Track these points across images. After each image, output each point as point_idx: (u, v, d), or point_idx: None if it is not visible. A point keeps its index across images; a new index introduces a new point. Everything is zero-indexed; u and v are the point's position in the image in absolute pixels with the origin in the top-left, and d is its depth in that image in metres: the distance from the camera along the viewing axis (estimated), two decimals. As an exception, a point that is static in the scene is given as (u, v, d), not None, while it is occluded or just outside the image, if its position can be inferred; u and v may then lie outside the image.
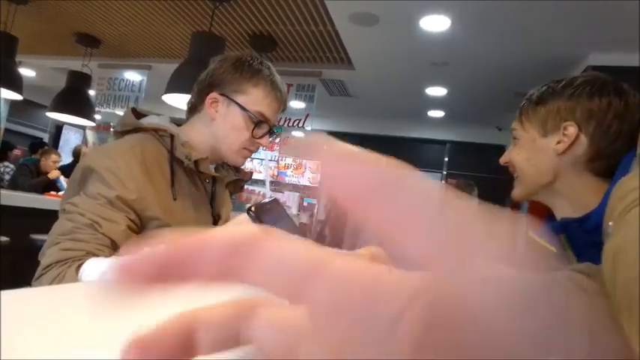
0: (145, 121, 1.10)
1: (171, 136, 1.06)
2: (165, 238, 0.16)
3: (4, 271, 2.88)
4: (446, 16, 3.17)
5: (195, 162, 1.06)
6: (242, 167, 1.26)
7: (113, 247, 0.90)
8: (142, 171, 0.97)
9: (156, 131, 1.07)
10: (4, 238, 2.91)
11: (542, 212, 1.11)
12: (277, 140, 5.05)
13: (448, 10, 3.11)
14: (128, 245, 0.87)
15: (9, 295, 0.45)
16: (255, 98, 1.09)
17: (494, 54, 3.67)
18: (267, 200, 0.38)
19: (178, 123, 1.19)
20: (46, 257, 0.86)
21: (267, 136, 1.15)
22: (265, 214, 0.35)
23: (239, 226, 0.19)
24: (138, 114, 1.15)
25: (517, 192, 1.00)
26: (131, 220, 0.94)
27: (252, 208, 0.36)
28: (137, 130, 1.08)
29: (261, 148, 1.16)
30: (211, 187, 1.16)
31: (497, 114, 5.21)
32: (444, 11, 3.12)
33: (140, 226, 0.97)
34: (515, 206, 5.09)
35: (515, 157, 0.98)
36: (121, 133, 1.10)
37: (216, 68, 1.12)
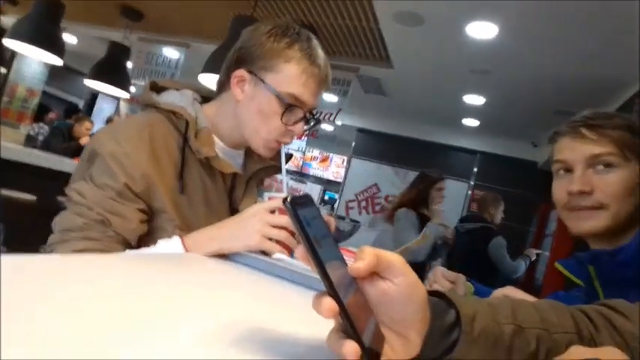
0: (162, 99, 0.98)
1: (187, 122, 0.94)
2: None
3: (27, 229, 2.95)
4: (494, 23, 3.07)
5: (206, 158, 0.95)
6: None
7: (124, 244, 0.86)
8: (149, 158, 0.88)
9: (172, 113, 0.95)
10: (30, 197, 2.97)
11: (568, 241, 1.07)
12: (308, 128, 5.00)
13: (497, 18, 3.01)
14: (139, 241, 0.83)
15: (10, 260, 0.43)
16: (287, 76, 0.93)
17: (539, 67, 3.54)
18: (301, 194, 0.37)
19: (206, 96, 1.08)
20: None
21: (302, 123, 0.98)
22: (300, 207, 0.35)
23: None
24: (159, 87, 1.03)
25: (602, 223, 0.93)
26: (141, 211, 0.87)
27: (288, 199, 0.35)
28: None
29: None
30: (231, 179, 1.04)
31: (534, 130, 5.05)
32: (493, 18, 3.02)
33: (150, 216, 0.90)
34: (542, 229, 4.94)
35: (614, 185, 0.92)
36: (143, 106, 1.01)
37: (245, 40, 0.97)
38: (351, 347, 0.36)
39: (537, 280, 4.53)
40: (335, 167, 8.28)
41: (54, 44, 3.88)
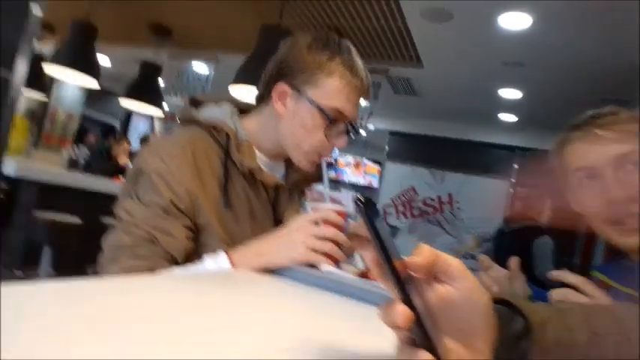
0: (202, 115, 0.99)
1: (227, 135, 0.94)
2: None
3: (73, 251, 3.03)
4: (527, 13, 2.96)
5: (250, 170, 0.94)
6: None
7: (171, 260, 0.85)
8: (193, 175, 0.88)
9: (213, 127, 0.96)
10: (76, 219, 3.07)
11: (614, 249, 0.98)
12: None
13: (530, 8, 2.90)
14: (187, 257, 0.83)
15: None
16: (330, 90, 0.92)
17: (578, 55, 3.40)
18: (364, 197, 0.35)
19: (245, 109, 1.07)
20: (106, 275, 0.82)
21: (345, 135, 0.98)
22: (370, 208, 0.35)
23: None
24: (198, 102, 1.04)
25: None
26: (187, 227, 0.87)
27: (362, 200, 0.35)
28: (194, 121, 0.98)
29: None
30: (274, 191, 1.03)
31: (577, 120, 4.85)
32: (526, 8, 2.91)
33: (196, 232, 0.89)
34: (592, 234, 4.71)
35: None
36: (181, 123, 1.01)
37: (285, 53, 0.97)
38: (427, 356, 0.34)
39: (594, 279, 4.32)
40: (367, 173, 8.22)
41: (90, 68, 4.02)
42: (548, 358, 0.39)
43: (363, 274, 1.14)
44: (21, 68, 1.15)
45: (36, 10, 1.15)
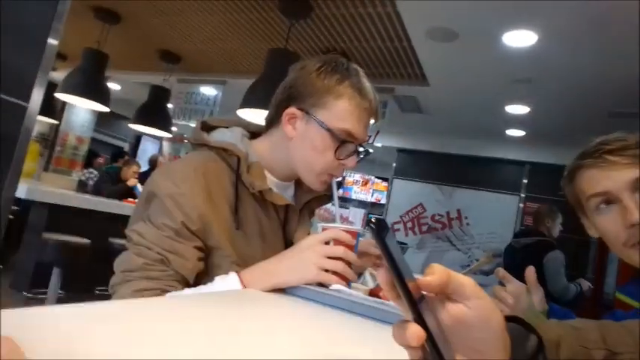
0: (213, 138, 1.00)
1: (238, 158, 0.95)
2: None
3: (82, 271, 3.05)
4: (532, 31, 2.98)
5: (260, 191, 0.95)
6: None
7: (183, 282, 0.85)
8: (204, 198, 0.89)
9: (224, 150, 0.97)
10: (85, 240, 3.09)
11: (633, 267, 0.97)
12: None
13: (535, 25, 2.92)
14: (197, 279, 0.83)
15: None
16: (339, 113, 0.94)
17: (585, 70, 3.40)
18: (381, 218, 0.35)
19: (255, 132, 1.08)
20: (118, 297, 0.82)
21: (355, 156, 0.98)
22: (382, 230, 0.35)
23: None
24: (209, 126, 1.05)
25: None
26: (198, 249, 0.87)
27: (374, 222, 0.35)
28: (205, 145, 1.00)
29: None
30: (284, 211, 1.03)
31: (587, 135, 4.79)
32: (531, 26, 2.94)
33: (207, 253, 0.90)
34: (605, 247, 4.64)
35: None
36: (193, 145, 1.03)
37: (294, 78, 0.99)
38: None
39: (608, 296, 4.23)
40: (375, 190, 8.21)
41: (100, 93, 4.11)
42: None
43: (373, 293, 1.13)
44: (36, 98, 1.17)
45: (52, 41, 1.18)
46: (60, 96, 4.07)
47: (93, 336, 0.41)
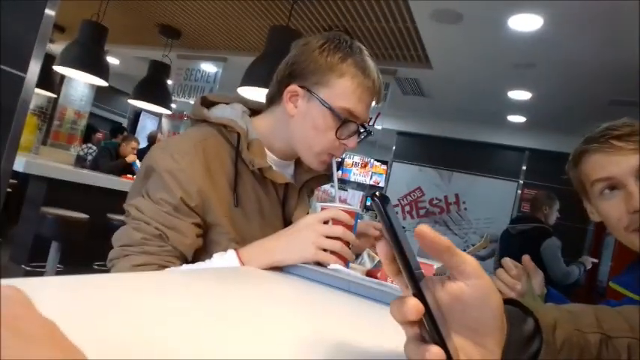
0: (213, 114, 0.99)
1: (238, 135, 0.94)
2: None
3: (80, 246, 3.06)
4: (538, 15, 2.94)
5: (260, 169, 0.94)
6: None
7: (181, 258, 0.85)
8: (204, 173, 0.88)
9: (224, 126, 0.95)
10: (83, 216, 3.09)
11: (627, 255, 0.97)
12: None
13: (541, 9, 2.88)
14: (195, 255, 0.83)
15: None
16: (341, 91, 0.92)
17: (589, 57, 3.37)
18: (379, 192, 0.37)
19: (256, 109, 1.07)
20: (116, 271, 0.82)
21: (355, 136, 0.97)
22: (385, 203, 0.35)
23: None
24: (209, 102, 1.04)
25: None
26: (197, 225, 0.87)
27: (378, 194, 0.35)
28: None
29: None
30: (283, 190, 1.02)
31: (588, 122, 4.79)
32: (537, 10, 2.90)
33: (205, 230, 0.89)
34: (602, 230, 4.68)
35: None
36: (193, 121, 1.02)
37: (296, 55, 0.96)
38: (438, 351, 0.33)
39: (601, 283, 4.27)
40: (374, 172, 8.21)
41: (99, 67, 4.05)
42: (559, 359, 0.38)
43: (370, 274, 1.14)
44: (34, 69, 1.15)
45: (49, 12, 1.16)
46: (58, 69, 4.01)
47: (89, 308, 0.41)
